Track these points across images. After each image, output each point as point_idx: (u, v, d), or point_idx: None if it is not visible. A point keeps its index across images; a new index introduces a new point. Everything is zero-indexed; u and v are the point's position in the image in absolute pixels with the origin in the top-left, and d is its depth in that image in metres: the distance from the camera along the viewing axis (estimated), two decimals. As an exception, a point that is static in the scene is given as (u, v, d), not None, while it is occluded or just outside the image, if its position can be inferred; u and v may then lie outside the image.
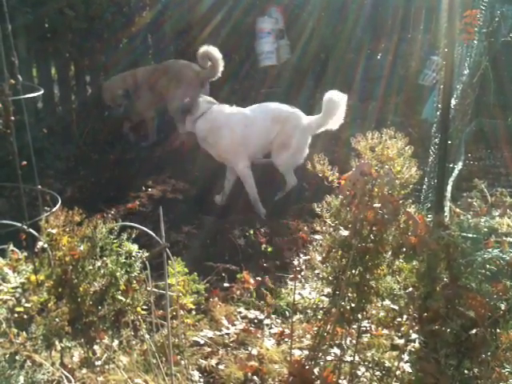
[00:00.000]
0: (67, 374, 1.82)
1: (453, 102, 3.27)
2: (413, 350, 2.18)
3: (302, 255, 3.81)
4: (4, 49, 1.98)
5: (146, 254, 2.18)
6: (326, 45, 7.36)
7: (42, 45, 5.63)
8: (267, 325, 3.04)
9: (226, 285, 3.43)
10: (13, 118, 2.01)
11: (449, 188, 3.65)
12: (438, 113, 3.16)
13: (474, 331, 1.90)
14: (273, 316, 3.13)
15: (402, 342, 2.44)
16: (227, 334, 2.93)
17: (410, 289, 2.06)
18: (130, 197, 4.73)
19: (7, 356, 1.63)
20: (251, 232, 4.04)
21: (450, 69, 2.73)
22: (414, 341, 2.29)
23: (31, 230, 2.07)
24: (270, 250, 3.88)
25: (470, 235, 2.01)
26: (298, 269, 3.59)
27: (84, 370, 2.04)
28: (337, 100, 4.38)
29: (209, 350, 2.75)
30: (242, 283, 3.41)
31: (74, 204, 2.22)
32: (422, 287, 2.03)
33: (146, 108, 5.98)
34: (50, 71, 6.04)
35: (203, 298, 2.70)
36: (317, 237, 3.72)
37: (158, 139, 6.14)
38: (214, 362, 2.64)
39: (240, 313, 3.15)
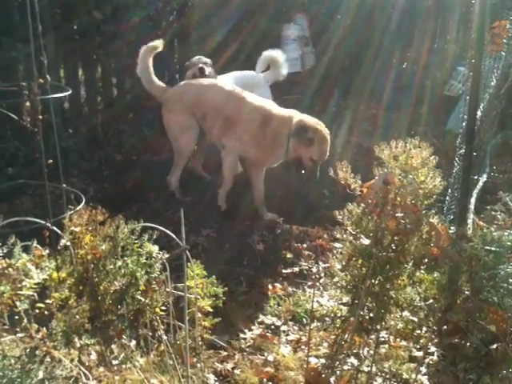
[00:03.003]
0: (85, 371, 1.83)
1: (479, 113, 3.22)
2: (431, 362, 2.16)
3: (321, 262, 3.79)
4: (33, 49, 2.02)
5: (166, 256, 2.20)
6: (352, 53, 7.35)
7: (70, 46, 5.71)
8: (284, 331, 3.04)
9: (244, 289, 3.43)
10: (40, 116, 2.04)
11: (472, 200, 3.59)
12: (464, 124, 3.12)
13: (494, 346, 1.87)
14: (290, 323, 3.12)
15: (420, 354, 2.42)
16: (244, 338, 2.93)
17: (431, 300, 2.04)
18: (152, 198, 4.76)
19: (28, 351, 1.65)
20: (270, 237, 4.03)
21: (476, 80, 2.71)
22: (432, 353, 2.27)
23: (55, 228, 2.10)
24: (289, 256, 3.87)
25: (493, 248, 1.98)
26: (316, 276, 3.57)
27: (101, 369, 2.05)
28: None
29: (225, 353, 2.76)
30: (260, 288, 3.41)
31: (97, 203, 2.25)
32: (442, 299, 2.01)
33: None
34: (77, 72, 6.12)
35: (221, 301, 2.69)
36: (337, 245, 3.71)
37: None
38: (229, 366, 2.64)
39: (257, 318, 3.15)
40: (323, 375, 2.14)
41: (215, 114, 4.57)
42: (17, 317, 1.79)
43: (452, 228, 2.42)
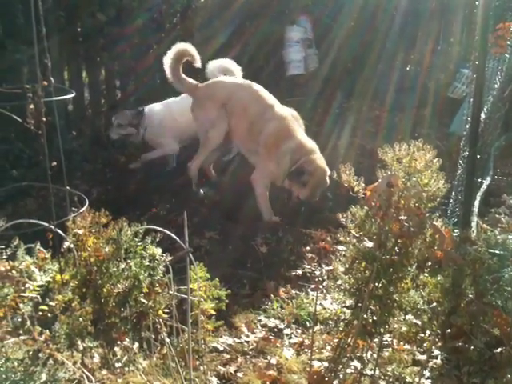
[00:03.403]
0: (88, 374, 1.83)
1: (482, 115, 3.22)
2: (435, 366, 2.15)
3: (324, 265, 3.79)
4: (37, 51, 2.02)
5: (169, 258, 2.20)
6: (355, 55, 7.35)
7: (74, 48, 5.74)
8: (287, 334, 3.03)
9: (247, 292, 3.43)
10: (44, 119, 2.05)
11: (476, 203, 3.59)
12: (467, 126, 3.12)
13: (498, 350, 1.86)
14: (293, 326, 3.11)
15: (423, 357, 2.41)
16: (247, 341, 2.93)
17: (434, 304, 2.04)
18: (155, 201, 4.77)
19: (31, 353, 1.65)
20: (274, 240, 4.02)
21: (480, 82, 2.71)
22: (436, 357, 2.26)
23: (58, 230, 2.10)
24: (292, 258, 3.86)
25: (497, 251, 1.98)
26: (320, 279, 3.57)
27: (104, 371, 2.05)
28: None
29: (228, 356, 2.75)
30: (263, 291, 3.41)
31: (100, 206, 2.25)
32: (446, 302, 2.00)
33: None
34: (80, 75, 6.15)
35: (224, 304, 2.69)
36: (340, 247, 3.69)
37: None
38: (232, 369, 2.64)
39: (260, 321, 3.14)
40: (326, 378, 2.14)
41: (241, 114, 4.65)
42: (20, 319, 1.80)
43: (456, 231, 2.42)
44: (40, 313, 1.88)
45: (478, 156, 2.89)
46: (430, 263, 1.98)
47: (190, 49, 4.77)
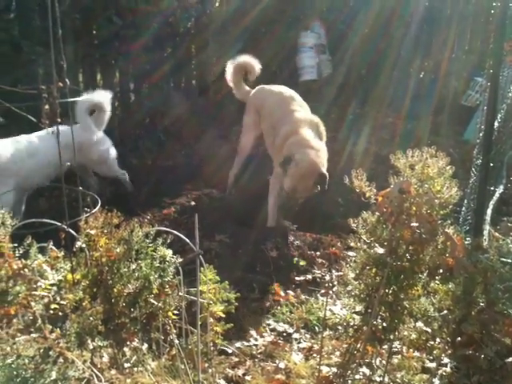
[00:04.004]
0: (97, 373, 1.84)
1: (496, 124, 3.20)
2: (444, 374, 2.14)
3: (334, 271, 3.78)
4: (53, 53, 2.05)
5: (180, 260, 2.20)
6: (369, 62, 7.34)
7: (89, 51, 5.78)
8: (296, 339, 3.02)
9: (256, 296, 3.43)
10: (59, 119, 2.07)
11: (489, 211, 3.56)
12: (481, 134, 3.10)
13: (510, 359, 1.85)
14: (302, 330, 3.10)
15: (433, 365, 2.39)
16: (255, 345, 2.93)
17: (445, 311, 2.02)
18: (166, 203, 4.78)
19: (41, 351, 1.67)
20: (284, 244, 4.02)
21: (494, 90, 2.70)
22: (445, 365, 2.24)
23: (70, 230, 2.12)
24: (302, 263, 3.86)
25: (509, 260, 1.97)
26: (329, 284, 3.56)
27: (113, 371, 2.06)
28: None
29: (236, 359, 2.75)
30: (272, 295, 3.41)
31: (112, 207, 2.27)
32: (457, 310, 1.99)
33: None
34: (95, 77, 6.19)
35: (233, 307, 2.69)
36: (350, 253, 3.68)
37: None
38: (240, 372, 2.64)
39: (269, 325, 3.14)
40: (335, 384, 2.13)
41: (268, 120, 4.73)
42: (31, 317, 1.81)
43: (468, 239, 2.41)
44: (51, 311, 1.89)
45: (492, 164, 2.87)
46: (441, 270, 1.97)
47: (253, 62, 4.96)
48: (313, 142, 4.27)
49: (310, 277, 3.71)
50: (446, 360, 2.28)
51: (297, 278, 3.68)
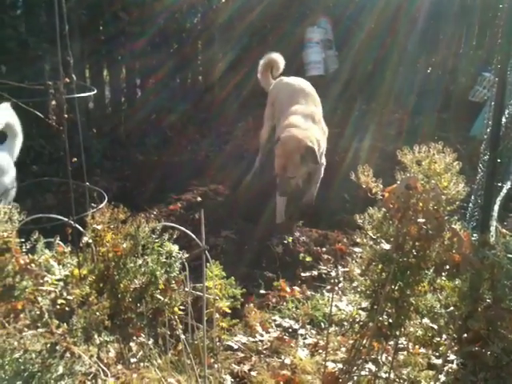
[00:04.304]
0: (104, 368, 1.85)
1: (504, 119, 3.18)
2: (450, 370, 2.13)
3: (340, 267, 3.77)
4: (60, 48, 2.04)
5: (186, 256, 2.21)
6: (376, 57, 7.31)
7: (96, 46, 5.79)
8: (302, 335, 3.03)
9: (262, 292, 3.43)
10: (66, 115, 2.07)
11: (496, 207, 3.54)
12: (488, 130, 3.08)
13: (516, 356, 1.84)
14: (308, 326, 3.10)
15: (439, 361, 2.38)
16: (261, 340, 2.93)
17: (451, 308, 2.01)
18: (172, 199, 4.80)
19: (48, 346, 1.67)
20: (290, 240, 4.03)
21: (502, 86, 2.68)
22: (452, 361, 2.23)
23: (77, 225, 2.13)
24: (307, 259, 3.86)
25: (517, 257, 1.95)
26: (335, 280, 3.55)
27: (119, 366, 2.07)
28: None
29: (242, 355, 2.76)
30: (278, 291, 3.41)
31: (118, 202, 2.27)
32: (463, 307, 1.98)
33: None
34: (102, 73, 6.20)
35: (239, 302, 2.70)
36: (356, 249, 3.67)
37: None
38: (246, 367, 2.64)
39: (275, 321, 3.14)
40: (340, 380, 2.13)
41: (279, 112, 4.85)
42: (38, 312, 1.82)
43: (474, 235, 2.39)
44: (58, 306, 1.90)
45: (499, 160, 2.86)
46: (447, 267, 1.96)
47: (279, 60, 5.25)
48: (300, 123, 4.33)
49: (315, 273, 3.71)
50: (452, 356, 2.27)
51: (303, 274, 3.68)
